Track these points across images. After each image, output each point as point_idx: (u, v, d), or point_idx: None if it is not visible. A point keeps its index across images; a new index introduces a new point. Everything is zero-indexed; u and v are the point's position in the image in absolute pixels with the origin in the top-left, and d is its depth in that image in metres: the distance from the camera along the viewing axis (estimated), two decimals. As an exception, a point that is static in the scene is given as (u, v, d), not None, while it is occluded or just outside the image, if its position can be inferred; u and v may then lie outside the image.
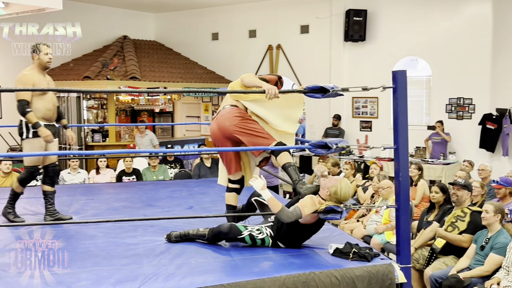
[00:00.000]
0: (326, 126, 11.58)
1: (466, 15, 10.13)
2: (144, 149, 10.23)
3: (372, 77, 10.59)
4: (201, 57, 13.60)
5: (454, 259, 5.11)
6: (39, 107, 4.73)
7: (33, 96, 4.69)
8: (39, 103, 4.74)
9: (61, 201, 5.70)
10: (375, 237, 6.12)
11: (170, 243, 4.04)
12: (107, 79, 10.66)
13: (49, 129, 4.72)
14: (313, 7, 11.78)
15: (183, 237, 4.05)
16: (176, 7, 13.41)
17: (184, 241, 4.04)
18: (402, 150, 3.61)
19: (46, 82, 4.84)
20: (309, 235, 3.94)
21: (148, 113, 13.10)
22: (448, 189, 5.88)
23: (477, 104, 10.08)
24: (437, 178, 9.32)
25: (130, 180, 8.08)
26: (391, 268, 3.54)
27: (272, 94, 3.82)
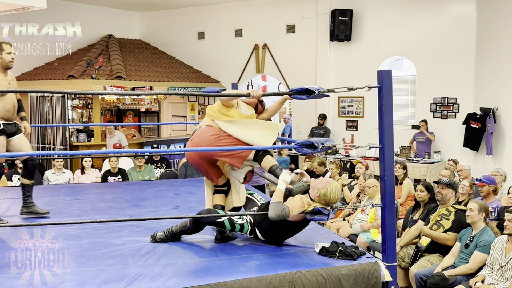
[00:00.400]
0: (312, 125, 11.62)
1: (450, 15, 10.23)
2: (129, 150, 10.17)
3: (358, 77, 10.65)
4: (187, 57, 13.56)
5: (439, 257, 5.16)
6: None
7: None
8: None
9: (45, 201, 5.65)
10: (361, 235, 6.15)
11: (156, 243, 4.02)
12: (92, 78, 10.57)
13: (8, 128, 4.70)
14: (299, 7, 11.81)
15: (168, 236, 4.04)
16: (162, 6, 13.35)
17: (169, 240, 4.03)
18: (387, 149, 3.63)
19: (7, 82, 4.75)
20: (291, 233, 3.95)
21: (133, 113, 13.02)
22: (433, 187, 5.93)
23: (461, 104, 10.19)
24: (422, 177, 9.40)
25: (115, 180, 8.02)
26: (377, 267, 3.56)
27: (256, 95, 3.81)
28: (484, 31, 9.58)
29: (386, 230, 3.69)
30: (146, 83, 11.49)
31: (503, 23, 8.89)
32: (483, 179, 5.95)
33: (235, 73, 12.75)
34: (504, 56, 8.82)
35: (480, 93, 9.76)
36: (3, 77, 4.73)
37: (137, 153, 8.35)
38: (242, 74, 12.75)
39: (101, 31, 13.02)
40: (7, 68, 4.78)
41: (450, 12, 10.25)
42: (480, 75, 9.77)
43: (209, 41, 13.32)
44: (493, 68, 9.27)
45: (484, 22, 9.57)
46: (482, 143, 9.63)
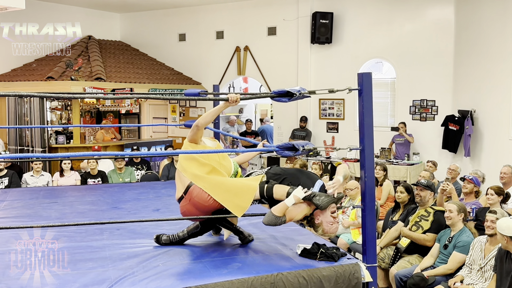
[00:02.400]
0: (294, 127, 11.66)
1: (429, 18, 10.37)
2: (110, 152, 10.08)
3: (338, 79, 10.73)
4: (168, 58, 13.50)
5: (419, 258, 5.22)
6: None
7: None
8: None
9: (24, 204, 5.58)
10: (341, 237, 6.19)
11: (159, 245, 4.00)
12: (71, 79, 10.45)
13: None
14: (280, 9, 11.86)
15: (174, 240, 4.04)
16: (142, 7, 13.27)
17: (174, 244, 4.01)
18: (367, 151, 3.66)
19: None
20: None
21: (114, 114, 12.91)
22: (412, 189, 6.00)
23: (440, 106, 10.34)
24: (401, 178, 9.50)
25: (95, 183, 7.95)
26: (358, 268, 3.59)
27: (234, 99, 3.58)
28: (463, 34, 9.73)
29: (366, 231, 3.72)
30: (127, 85, 11.39)
31: (481, 26, 9.05)
32: (473, 178, 6.07)
33: (217, 75, 12.73)
34: (482, 59, 8.97)
35: (458, 96, 9.91)
36: None
37: (117, 156, 8.28)
38: (223, 76, 12.74)
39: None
40: None
41: (429, 15, 10.39)
42: (458, 78, 9.93)
43: (190, 43, 13.28)
44: (471, 71, 9.42)
45: (463, 25, 9.73)
46: (460, 145, 9.77)
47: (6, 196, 6.04)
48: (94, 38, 12.87)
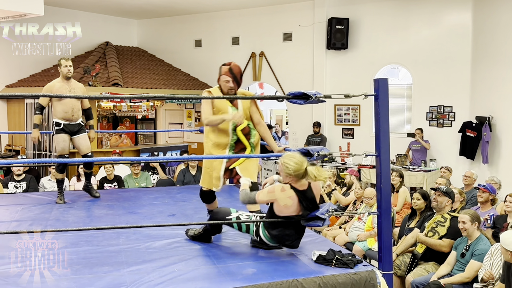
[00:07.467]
0: (309, 133, 11.64)
1: (446, 24, 10.30)
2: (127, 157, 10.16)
3: (354, 85, 10.70)
4: (184, 64, 13.59)
5: (435, 265, 5.17)
6: (58, 110, 5.76)
7: (53, 101, 5.79)
8: (58, 107, 5.75)
9: (41, 208, 5.64)
10: (357, 244, 6.15)
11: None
12: (89, 85, 10.57)
13: (69, 128, 5.84)
14: (296, 15, 11.87)
15: (196, 236, 4.25)
16: (159, 13, 13.39)
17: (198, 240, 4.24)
18: (383, 157, 3.64)
19: (69, 90, 5.76)
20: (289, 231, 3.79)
21: (130, 120, 13.02)
22: (429, 196, 5.95)
23: (457, 112, 10.24)
24: (418, 185, 9.42)
25: (111, 187, 8.01)
26: (373, 275, 3.56)
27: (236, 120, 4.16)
28: (480, 39, 9.64)
29: (382, 238, 3.69)
30: (143, 90, 11.50)
31: (499, 31, 8.96)
32: (487, 186, 6.00)
33: (232, 80, 12.75)
34: (500, 64, 8.87)
35: (476, 102, 9.81)
36: (65, 85, 5.78)
37: (133, 161, 8.33)
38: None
39: (98, 38, 13.04)
40: (67, 78, 5.80)
41: (446, 20, 10.32)
42: (476, 83, 9.83)
43: (206, 49, 13.36)
44: (489, 76, 9.32)
45: (480, 30, 9.64)
46: (478, 152, 9.66)
47: (24, 200, 6.11)
48: (111, 44, 13.01)
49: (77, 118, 5.93)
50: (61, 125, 5.81)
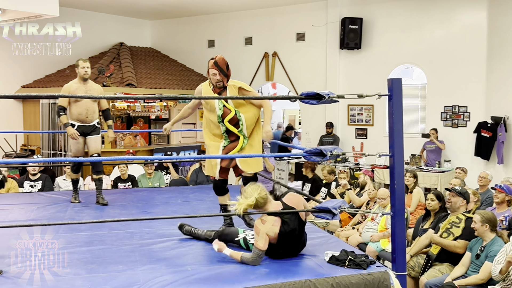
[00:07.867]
0: (322, 133, 11.61)
1: (461, 23, 10.21)
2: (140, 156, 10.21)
3: (368, 85, 10.65)
4: (197, 64, 13.62)
5: (449, 266, 5.12)
6: (73, 112, 5.82)
7: (70, 103, 5.81)
8: (73, 108, 5.81)
9: (56, 207, 5.70)
10: (370, 244, 6.12)
11: (181, 232, 4.42)
12: (103, 85, 10.64)
13: (82, 129, 5.87)
14: (309, 15, 11.85)
15: (192, 235, 4.35)
16: (173, 14, 13.45)
17: (191, 238, 4.33)
18: (397, 158, 3.62)
19: (85, 90, 5.77)
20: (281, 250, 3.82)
21: (144, 120, 13.08)
22: (443, 196, 5.90)
23: (472, 112, 10.14)
24: (432, 185, 9.35)
25: (125, 187, 8.06)
26: (387, 276, 3.54)
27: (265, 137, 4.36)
28: (495, 39, 9.55)
29: (396, 239, 3.67)
30: (157, 91, 11.56)
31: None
32: (503, 187, 5.92)
33: (245, 80, 12.60)
34: (515, 64, 8.78)
35: (491, 102, 9.71)
36: (81, 87, 5.79)
37: (147, 160, 8.37)
38: (252, 81, 12.79)
39: (112, 39, 13.14)
40: (84, 79, 5.81)
41: (461, 20, 10.22)
42: (491, 83, 9.73)
43: (219, 49, 13.37)
44: (504, 76, 9.22)
45: (495, 30, 9.54)
46: (493, 152, 9.57)
47: (39, 199, 6.18)
48: (125, 45, 13.10)
49: (92, 120, 5.97)
50: (75, 126, 5.86)
